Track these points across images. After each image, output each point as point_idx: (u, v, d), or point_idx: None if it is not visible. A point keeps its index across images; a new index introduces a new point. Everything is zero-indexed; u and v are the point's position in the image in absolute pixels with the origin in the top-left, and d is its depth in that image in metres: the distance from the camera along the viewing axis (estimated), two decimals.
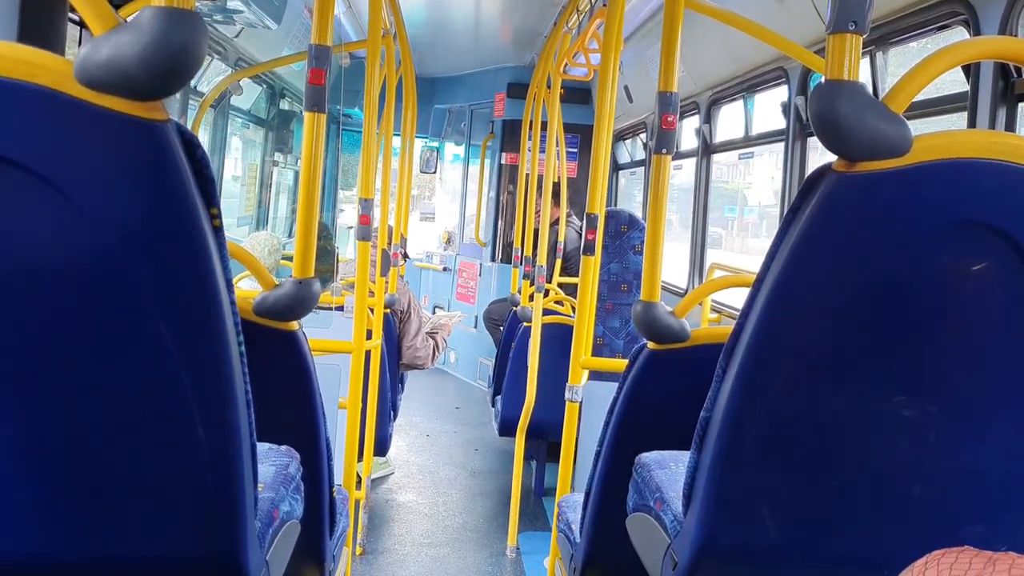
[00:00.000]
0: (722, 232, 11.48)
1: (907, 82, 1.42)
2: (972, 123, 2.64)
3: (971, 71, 2.66)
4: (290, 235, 6.76)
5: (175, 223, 1.26)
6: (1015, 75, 2.55)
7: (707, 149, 5.34)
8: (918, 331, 1.47)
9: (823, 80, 1.42)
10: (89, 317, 1.29)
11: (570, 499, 2.80)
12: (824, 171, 1.42)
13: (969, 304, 1.46)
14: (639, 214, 5.81)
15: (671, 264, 5.37)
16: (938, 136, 1.40)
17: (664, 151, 2.38)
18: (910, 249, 1.42)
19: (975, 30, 2.65)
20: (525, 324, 5.00)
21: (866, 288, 1.46)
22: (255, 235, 4.99)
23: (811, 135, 3.99)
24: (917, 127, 1.43)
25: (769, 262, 1.49)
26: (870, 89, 1.42)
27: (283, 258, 4.64)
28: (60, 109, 1.17)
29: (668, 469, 2.00)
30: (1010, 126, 2.55)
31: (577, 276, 3.35)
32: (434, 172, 9.23)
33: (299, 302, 2.17)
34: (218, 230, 1.31)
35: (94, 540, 1.44)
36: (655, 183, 2.41)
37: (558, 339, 4.63)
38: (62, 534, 1.43)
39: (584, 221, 3.13)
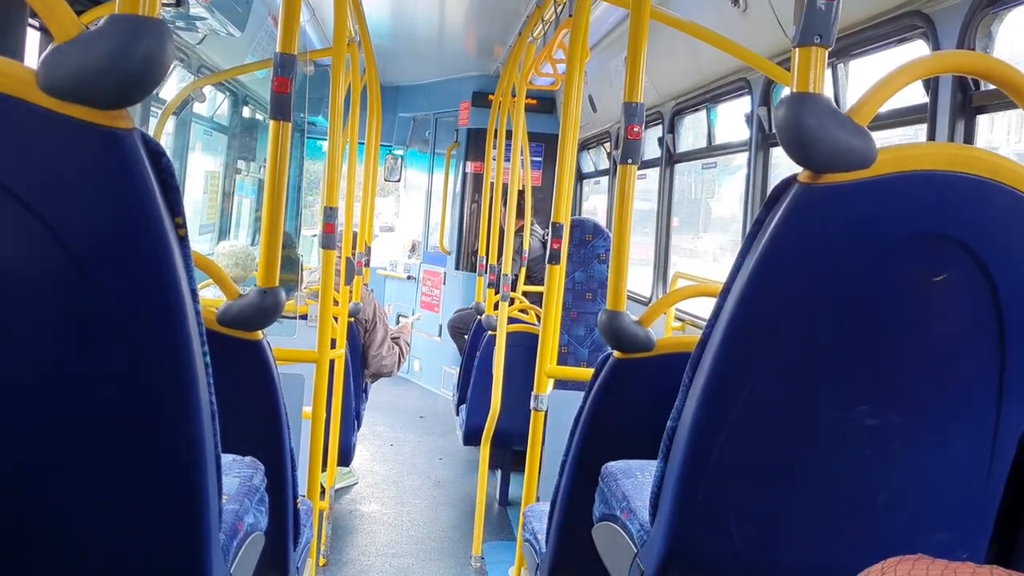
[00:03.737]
0: None
1: (871, 95, 1.43)
2: (932, 135, 2.67)
3: (930, 84, 2.70)
4: (253, 243, 6.71)
5: (139, 233, 1.24)
6: (973, 88, 2.59)
7: (670, 159, 5.37)
8: (882, 341, 1.49)
9: (789, 92, 1.43)
10: (50, 327, 1.27)
11: (535, 508, 2.80)
12: (789, 182, 1.44)
13: (932, 314, 1.47)
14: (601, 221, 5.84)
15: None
16: (902, 148, 1.42)
17: (630, 161, 2.39)
18: (873, 260, 1.43)
19: (934, 43, 2.69)
20: (490, 333, 5.00)
21: (830, 299, 1.47)
22: (232, 244, 4.94)
23: (774, 145, 4.03)
24: (878, 137, 1.45)
25: (735, 273, 1.50)
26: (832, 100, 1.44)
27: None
28: (22, 117, 1.15)
29: (634, 478, 2.01)
30: (969, 138, 2.59)
31: (542, 285, 3.36)
32: (398, 180, 9.21)
33: (264, 312, 2.15)
34: (183, 240, 1.30)
35: (54, 552, 1.42)
36: (621, 193, 2.42)
37: (523, 348, 4.64)
38: (22, 546, 1.40)
39: (549, 230, 3.14)
